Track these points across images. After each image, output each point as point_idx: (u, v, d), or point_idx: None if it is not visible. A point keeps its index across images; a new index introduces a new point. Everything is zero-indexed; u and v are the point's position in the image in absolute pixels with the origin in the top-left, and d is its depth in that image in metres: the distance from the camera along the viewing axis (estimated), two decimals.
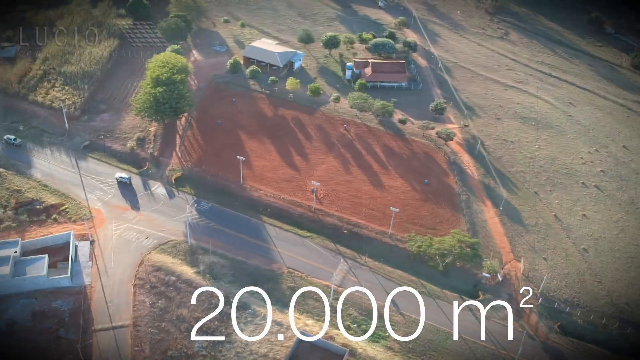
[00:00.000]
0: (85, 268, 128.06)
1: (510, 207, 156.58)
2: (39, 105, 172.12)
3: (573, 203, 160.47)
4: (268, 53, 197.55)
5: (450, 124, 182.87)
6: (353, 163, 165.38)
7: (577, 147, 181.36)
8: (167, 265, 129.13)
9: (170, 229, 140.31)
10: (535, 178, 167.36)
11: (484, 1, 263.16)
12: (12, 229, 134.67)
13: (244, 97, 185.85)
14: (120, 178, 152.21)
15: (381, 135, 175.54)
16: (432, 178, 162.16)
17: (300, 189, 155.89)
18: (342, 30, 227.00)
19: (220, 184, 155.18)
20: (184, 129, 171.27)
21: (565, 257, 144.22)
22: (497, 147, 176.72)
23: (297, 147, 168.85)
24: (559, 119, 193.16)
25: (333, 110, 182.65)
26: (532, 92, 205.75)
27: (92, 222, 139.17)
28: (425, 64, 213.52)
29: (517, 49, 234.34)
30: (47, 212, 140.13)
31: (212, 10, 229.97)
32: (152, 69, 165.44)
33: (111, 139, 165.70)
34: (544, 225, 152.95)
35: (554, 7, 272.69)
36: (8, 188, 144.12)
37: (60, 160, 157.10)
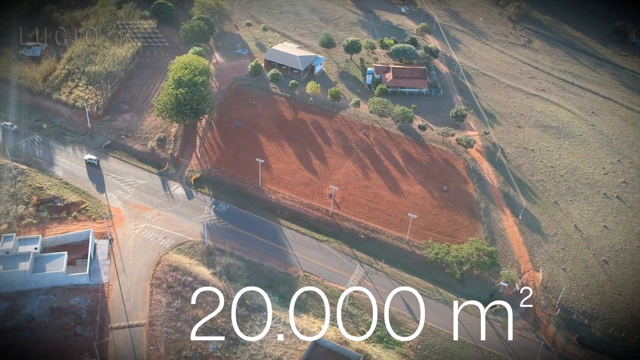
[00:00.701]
0: (103, 266, 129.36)
1: (530, 216, 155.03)
2: (62, 104, 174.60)
3: (594, 214, 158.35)
4: (289, 57, 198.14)
5: (471, 131, 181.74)
6: (371, 168, 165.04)
7: (599, 157, 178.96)
8: (184, 266, 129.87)
9: (188, 229, 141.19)
10: (555, 187, 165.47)
11: (507, 8, 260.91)
12: (33, 225, 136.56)
13: (264, 100, 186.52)
14: (89, 159, 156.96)
15: (400, 141, 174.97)
16: (451, 185, 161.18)
17: (318, 193, 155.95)
18: (363, 35, 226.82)
19: (239, 186, 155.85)
20: (204, 130, 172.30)
21: (584, 268, 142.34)
22: (517, 155, 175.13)
23: (315, 151, 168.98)
24: (581, 128, 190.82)
25: (353, 114, 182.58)
26: (554, 100, 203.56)
27: (112, 220, 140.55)
28: (446, 70, 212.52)
29: (540, 57, 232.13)
30: (68, 209, 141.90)
31: (235, 14, 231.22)
32: (174, 70, 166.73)
33: (132, 138, 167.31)
34: (564, 235, 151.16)
35: (578, 15, 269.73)
36: (30, 185, 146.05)
37: (82, 159, 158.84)
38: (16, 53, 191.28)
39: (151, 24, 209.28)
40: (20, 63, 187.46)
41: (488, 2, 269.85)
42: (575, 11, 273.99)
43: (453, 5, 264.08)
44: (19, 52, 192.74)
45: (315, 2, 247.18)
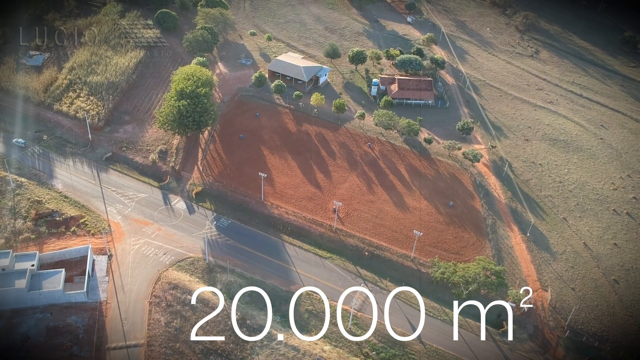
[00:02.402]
0: (101, 283, 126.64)
1: (538, 233, 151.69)
2: (63, 115, 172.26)
3: (603, 231, 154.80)
4: (293, 67, 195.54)
5: (477, 144, 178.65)
6: (376, 182, 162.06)
7: (608, 172, 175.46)
8: (184, 284, 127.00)
9: (189, 245, 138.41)
10: (564, 203, 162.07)
11: (514, 18, 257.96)
12: (31, 241, 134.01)
13: (268, 112, 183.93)
14: (17, 142, 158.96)
15: (406, 155, 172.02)
16: (458, 200, 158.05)
17: (321, 208, 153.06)
18: (369, 45, 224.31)
19: (241, 200, 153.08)
20: (206, 142, 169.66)
21: (594, 288, 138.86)
22: (525, 169, 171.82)
23: (319, 164, 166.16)
24: (589, 141, 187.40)
25: (357, 127, 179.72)
26: (563, 113, 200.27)
27: (111, 236, 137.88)
28: (452, 81, 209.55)
29: (548, 68, 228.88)
30: (67, 224, 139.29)
31: (239, 23, 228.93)
32: (177, 81, 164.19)
33: (133, 150, 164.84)
34: (573, 253, 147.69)
35: (586, 25, 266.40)
36: (29, 198, 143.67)
37: (82, 172, 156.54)
38: (17, 62, 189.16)
39: (155, 32, 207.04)
40: (22, 73, 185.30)
41: (495, 12, 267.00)
42: (584, 21, 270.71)
43: (460, 14, 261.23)
44: (20, 61, 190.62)
45: (321, 11, 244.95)
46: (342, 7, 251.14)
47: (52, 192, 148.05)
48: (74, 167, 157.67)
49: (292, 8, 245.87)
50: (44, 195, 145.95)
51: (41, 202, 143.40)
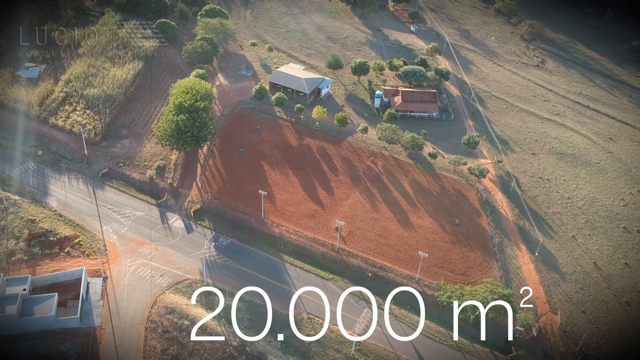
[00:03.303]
0: (96, 307, 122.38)
1: (546, 253, 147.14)
2: (58, 129, 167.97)
3: (614, 250, 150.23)
4: (295, 79, 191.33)
5: (483, 158, 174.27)
6: (380, 199, 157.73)
7: (617, 187, 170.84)
8: (181, 308, 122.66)
9: (187, 266, 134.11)
10: (573, 220, 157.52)
11: (519, 27, 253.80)
12: (24, 262, 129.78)
13: (269, 125, 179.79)
14: None
15: (410, 170, 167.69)
16: (463, 218, 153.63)
17: (323, 226, 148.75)
18: (371, 55, 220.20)
19: (240, 218, 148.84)
20: (205, 157, 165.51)
21: (605, 311, 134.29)
22: (532, 185, 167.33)
23: (321, 180, 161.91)
24: (598, 155, 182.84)
25: (360, 141, 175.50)
26: (570, 125, 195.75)
27: (106, 256, 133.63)
28: (457, 92, 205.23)
29: (554, 78, 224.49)
30: (61, 244, 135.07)
31: (240, 33, 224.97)
32: (175, 95, 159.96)
33: (130, 166, 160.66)
34: (582, 273, 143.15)
35: (592, 34, 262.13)
36: (22, 217, 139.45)
37: (77, 189, 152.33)
38: (13, 75, 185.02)
39: (154, 44, 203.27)
40: (17, 85, 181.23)
41: (500, 21, 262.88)
42: (590, 29, 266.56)
43: (464, 23, 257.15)
44: (15, 73, 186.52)
45: (323, 20, 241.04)
46: (344, 16, 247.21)
47: (46, 210, 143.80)
48: (69, 184, 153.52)
49: (293, 17, 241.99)
50: (37, 213, 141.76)
51: (35, 221, 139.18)
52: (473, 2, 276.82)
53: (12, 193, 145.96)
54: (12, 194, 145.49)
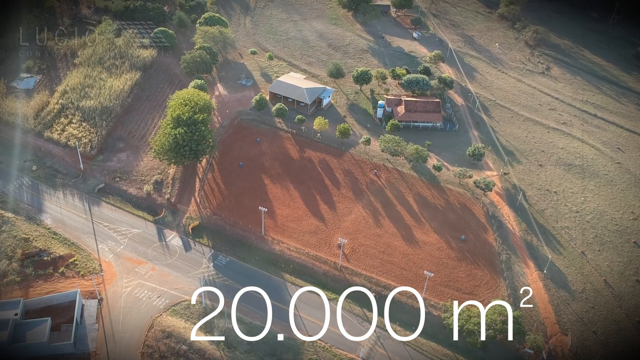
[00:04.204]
0: (90, 331, 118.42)
1: (555, 270, 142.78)
2: (54, 143, 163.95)
3: (624, 266, 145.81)
4: (295, 89, 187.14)
5: (489, 170, 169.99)
6: (383, 214, 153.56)
7: (627, 200, 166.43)
8: (179, 331, 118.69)
9: (184, 286, 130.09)
10: (582, 235, 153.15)
11: (524, 33, 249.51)
12: (16, 284, 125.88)
13: (269, 137, 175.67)
14: None
15: (414, 183, 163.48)
16: (469, 233, 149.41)
17: (325, 243, 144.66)
18: (373, 63, 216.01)
19: (240, 235, 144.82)
20: (204, 171, 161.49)
21: (617, 331, 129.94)
22: (539, 198, 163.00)
23: (323, 194, 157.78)
24: (606, 166, 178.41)
25: (363, 153, 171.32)
26: (577, 135, 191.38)
27: (102, 277, 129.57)
28: (461, 101, 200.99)
29: (560, 85, 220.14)
30: (55, 264, 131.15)
31: (240, 41, 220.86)
32: (173, 107, 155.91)
33: (127, 181, 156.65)
34: (593, 291, 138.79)
35: (597, 39, 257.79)
36: (15, 236, 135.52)
37: (73, 205, 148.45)
38: (7, 86, 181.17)
39: (151, 52, 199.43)
40: (12, 97, 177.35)
41: (504, 26, 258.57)
42: (595, 34, 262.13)
43: (467, 29, 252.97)
44: (10, 84, 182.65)
45: (324, 27, 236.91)
46: (345, 23, 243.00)
47: (40, 228, 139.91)
48: (64, 200, 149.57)
49: (294, 24, 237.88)
50: (31, 232, 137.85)
51: (29, 240, 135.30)
52: (476, 7, 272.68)
53: (5, 210, 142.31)
54: (6, 212, 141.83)
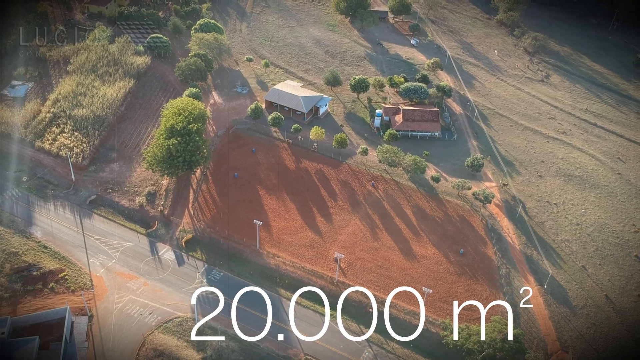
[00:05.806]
0: (80, 350, 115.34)
1: (556, 284, 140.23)
2: (45, 153, 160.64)
3: (626, 280, 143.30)
4: (292, 97, 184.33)
5: (488, 181, 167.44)
6: (380, 226, 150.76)
7: (628, 212, 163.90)
8: (171, 350, 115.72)
9: (177, 302, 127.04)
10: (582, 249, 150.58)
11: (523, 39, 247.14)
12: (4, 300, 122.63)
13: (265, 146, 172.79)
14: None
15: (412, 194, 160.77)
16: (468, 247, 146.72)
17: (321, 257, 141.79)
18: (371, 70, 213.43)
19: (234, 249, 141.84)
20: (198, 182, 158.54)
21: (619, 349, 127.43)
22: (539, 210, 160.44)
23: (319, 206, 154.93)
24: (606, 177, 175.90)
25: (360, 163, 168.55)
26: (577, 145, 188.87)
27: (92, 293, 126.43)
28: (460, 110, 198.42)
29: (560, 94, 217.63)
30: (45, 279, 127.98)
31: (235, 47, 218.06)
32: (167, 116, 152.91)
33: (120, 192, 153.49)
34: (594, 307, 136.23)
35: (597, 46, 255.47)
36: (4, 250, 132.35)
37: (64, 217, 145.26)
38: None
39: (146, 59, 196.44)
40: (2, 105, 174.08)
41: (502, 33, 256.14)
42: (594, 41, 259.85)
43: (466, 36, 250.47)
44: (0, 92, 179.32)
45: (321, 34, 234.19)
46: (342, 29, 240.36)
47: (30, 241, 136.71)
48: (55, 212, 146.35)
49: (290, 30, 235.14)
50: (21, 245, 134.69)
51: (18, 253, 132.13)
52: (475, 13, 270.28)
53: None
54: None
